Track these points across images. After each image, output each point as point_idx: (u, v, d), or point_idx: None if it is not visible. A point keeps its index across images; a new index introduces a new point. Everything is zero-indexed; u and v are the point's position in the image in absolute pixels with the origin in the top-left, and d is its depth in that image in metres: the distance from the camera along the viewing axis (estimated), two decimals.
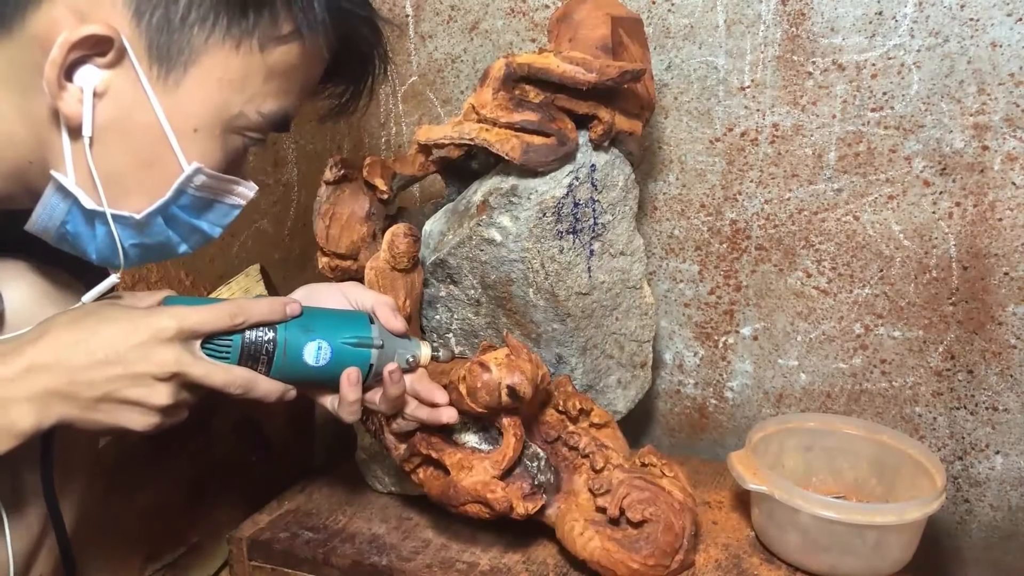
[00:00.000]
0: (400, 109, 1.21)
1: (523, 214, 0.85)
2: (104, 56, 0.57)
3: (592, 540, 0.79)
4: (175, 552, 1.01)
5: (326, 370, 0.69)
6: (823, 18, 0.98)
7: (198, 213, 0.65)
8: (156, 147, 0.60)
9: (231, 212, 0.68)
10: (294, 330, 0.67)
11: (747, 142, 1.05)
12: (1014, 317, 0.98)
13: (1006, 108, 0.93)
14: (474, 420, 0.82)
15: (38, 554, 0.68)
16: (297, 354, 0.67)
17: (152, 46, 0.58)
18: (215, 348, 0.64)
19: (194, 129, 0.61)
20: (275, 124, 0.65)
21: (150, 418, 0.60)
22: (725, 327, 1.12)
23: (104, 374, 0.58)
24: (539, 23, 1.11)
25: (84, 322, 0.60)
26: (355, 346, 0.69)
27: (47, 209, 0.62)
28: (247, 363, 0.65)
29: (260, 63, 0.61)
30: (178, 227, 0.65)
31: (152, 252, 0.66)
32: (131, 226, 0.62)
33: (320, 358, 0.68)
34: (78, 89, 0.57)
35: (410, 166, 0.92)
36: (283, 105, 0.64)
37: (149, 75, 0.58)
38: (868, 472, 0.94)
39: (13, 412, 0.56)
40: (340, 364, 0.69)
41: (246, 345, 0.65)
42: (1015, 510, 1.03)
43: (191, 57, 0.59)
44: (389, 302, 0.75)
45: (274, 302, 0.67)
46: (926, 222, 0.99)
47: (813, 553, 0.82)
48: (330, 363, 0.68)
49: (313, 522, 0.93)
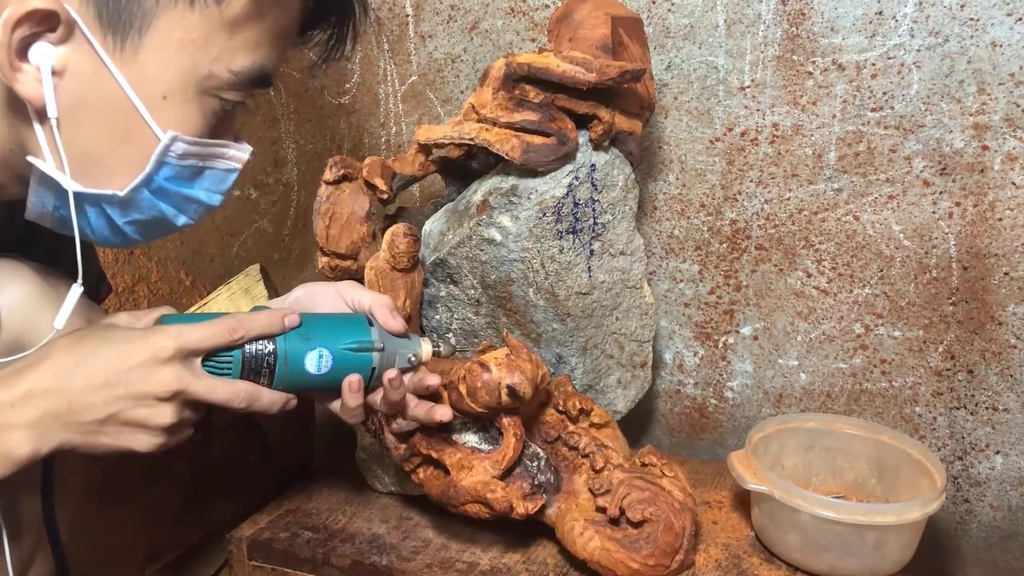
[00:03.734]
0: (400, 109, 1.21)
1: (523, 214, 0.85)
2: (54, 31, 0.55)
3: (592, 540, 0.79)
4: (175, 552, 1.01)
5: (328, 377, 0.68)
6: (823, 18, 0.98)
7: (189, 182, 0.63)
8: (128, 121, 0.58)
9: (227, 177, 0.65)
10: (294, 340, 0.67)
11: (747, 142, 1.05)
12: (1014, 317, 0.98)
13: (1006, 108, 0.93)
14: (474, 420, 0.82)
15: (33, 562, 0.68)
16: (299, 364, 0.67)
17: (102, 15, 0.55)
18: (216, 364, 0.63)
19: (163, 96, 0.59)
20: (252, 81, 0.62)
21: (154, 439, 0.60)
22: (725, 327, 1.12)
23: (105, 396, 0.57)
24: (539, 23, 1.11)
25: (83, 344, 0.59)
26: (356, 351, 0.69)
27: (37, 196, 0.61)
28: (249, 377, 0.65)
29: (219, 17, 0.58)
30: (169, 199, 0.63)
31: (150, 228, 0.64)
32: (117, 204, 0.61)
33: (322, 366, 0.68)
34: (35, 68, 0.55)
35: (410, 166, 0.92)
36: (256, 60, 0.61)
37: (105, 45, 0.56)
38: (868, 472, 0.94)
39: (12, 439, 0.56)
40: (342, 370, 0.69)
41: (247, 359, 0.64)
42: (1015, 510, 1.03)
43: (145, 21, 0.56)
44: (387, 302, 0.73)
45: (272, 315, 0.66)
46: (926, 222, 0.99)
47: (813, 553, 0.82)
48: (332, 370, 0.68)
49: (313, 522, 0.93)
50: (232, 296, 1.18)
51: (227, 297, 1.18)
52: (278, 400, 0.66)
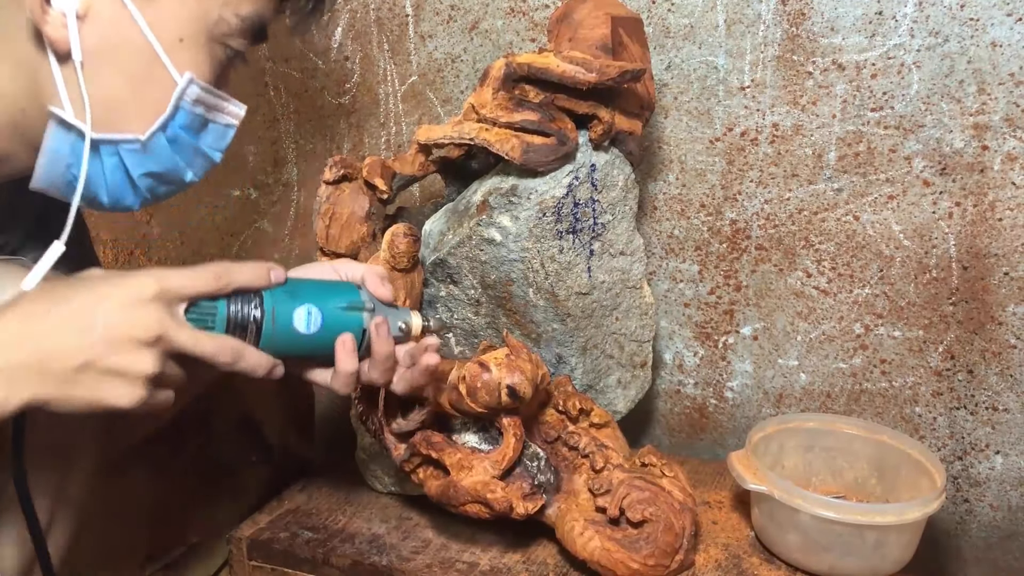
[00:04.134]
0: (400, 109, 1.21)
1: (523, 214, 0.85)
2: None
3: (592, 540, 0.79)
4: (175, 552, 1.01)
5: (318, 338, 0.64)
6: (823, 18, 0.98)
7: (197, 134, 0.65)
8: (147, 64, 0.61)
9: (227, 132, 0.67)
10: (281, 296, 0.62)
11: (747, 142, 1.05)
12: (1014, 317, 0.98)
13: (1006, 108, 0.93)
14: (474, 420, 0.82)
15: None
16: (287, 321, 0.62)
17: None
18: (199, 315, 0.58)
19: (179, 39, 0.62)
20: (254, 30, 0.66)
21: (136, 390, 0.54)
22: (725, 327, 1.12)
23: (80, 341, 0.52)
24: (539, 23, 1.11)
25: (55, 291, 0.54)
26: (346, 310, 0.65)
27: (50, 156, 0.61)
28: (234, 333, 0.60)
29: None
30: (182, 150, 0.65)
31: (162, 183, 0.65)
32: (137, 151, 0.62)
33: (311, 324, 0.63)
34: (60, 14, 0.57)
35: (410, 166, 0.92)
36: (257, 8, 0.65)
37: None
38: (868, 472, 0.94)
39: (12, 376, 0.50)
40: (332, 330, 0.64)
41: (232, 314, 0.60)
42: (1015, 510, 1.03)
43: None
44: (378, 271, 0.70)
45: (257, 266, 0.62)
46: (926, 222, 0.99)
47: (813, 553, 0.82)
48: (322, 329, 0.64)
49: (313, 522, 0.93)
50: None
51: None
52: (264, 363, 0.61)
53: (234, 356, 0.58)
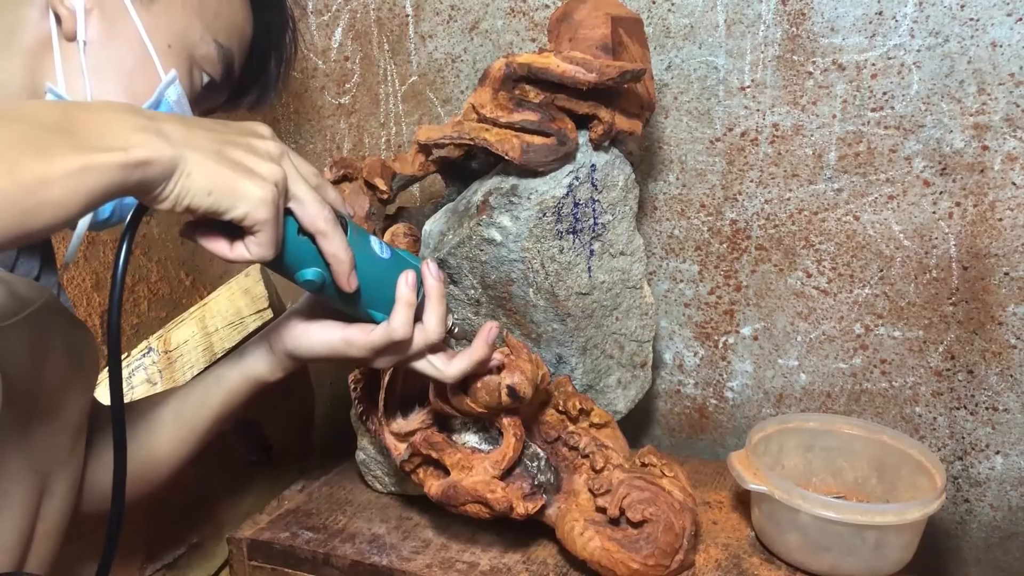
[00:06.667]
0: (400, 109, 1.21)
1: (523, 214, 0.85)
2: None
3: (592, 540, 0.79)
4: (175, 552, 1.01)
5: (387, 265, 0.66)
6: (823, 18, 0.98)
7: None
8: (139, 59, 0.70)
9: None
10: (354, 224, 0.64)
11: (747, 142, 1.05)
12: (1014, 317, 0.98)
13: (1006, 108, 0.93)
14: (474, 420, 0.82)
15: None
16: (365, 239, 0.65)
17: None
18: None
19: (168, 45, 0.72)
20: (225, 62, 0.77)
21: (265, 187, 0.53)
22: (725, 327, 1.12)
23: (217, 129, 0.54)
24: (539, 23, 1.11)
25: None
26: (405, 256, 0.69)
27: None
28: None
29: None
30: None
31: None
32: None
33: (383, 251, 0.66)
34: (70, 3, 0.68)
35: (410, 166, 0.92)
36: (230, 43, 0.77)
37: None
38: (868, 472, 0.94)
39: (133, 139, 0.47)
40: (397, 264, 0.67)
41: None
42: (1015, 510, 1.03)
43: None
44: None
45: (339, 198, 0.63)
46: (926, 222, 0.99)
47: (813, 553, 0.82)
48: (391, 259, 0.67)
49: (313, 522, 0.93)
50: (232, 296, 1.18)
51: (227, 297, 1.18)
52: (348, 255, 0.60)
53: (330, 226, 0.58)
